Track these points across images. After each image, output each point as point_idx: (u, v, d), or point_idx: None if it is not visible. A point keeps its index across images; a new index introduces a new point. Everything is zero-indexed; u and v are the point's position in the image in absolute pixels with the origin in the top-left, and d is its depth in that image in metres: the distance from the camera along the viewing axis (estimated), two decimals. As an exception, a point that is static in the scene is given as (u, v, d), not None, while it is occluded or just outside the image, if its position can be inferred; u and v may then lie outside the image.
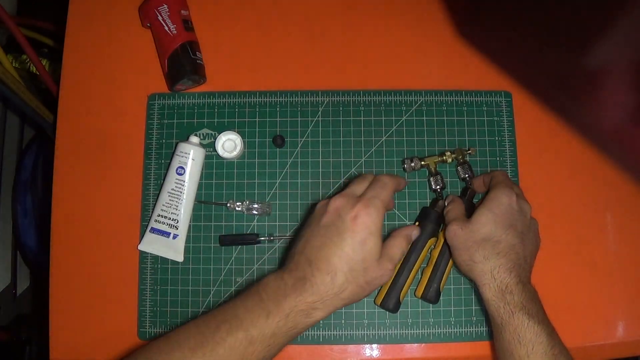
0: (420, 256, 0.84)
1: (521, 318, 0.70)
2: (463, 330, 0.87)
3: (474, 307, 0.87)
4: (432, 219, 0.85)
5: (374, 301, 0.85)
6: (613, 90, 0.77)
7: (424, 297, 0.84)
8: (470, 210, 0.81)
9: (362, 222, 0.69)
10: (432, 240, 0.85)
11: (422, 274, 0.86)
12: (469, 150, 0.91)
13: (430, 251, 0.86)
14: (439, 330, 0.87)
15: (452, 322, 0.88)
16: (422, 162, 0.90)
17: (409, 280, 0.83)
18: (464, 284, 0.88)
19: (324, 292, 0.66)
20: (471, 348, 0.87)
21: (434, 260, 0.85)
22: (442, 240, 0.84)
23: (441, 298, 0.85)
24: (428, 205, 0.90)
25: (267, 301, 0.66)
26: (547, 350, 0.69)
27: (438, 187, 0.90)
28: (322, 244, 0.69)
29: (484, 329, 0.87)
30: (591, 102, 0.85)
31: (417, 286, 0.86)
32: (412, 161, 0.90)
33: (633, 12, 0.62)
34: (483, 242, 0.75)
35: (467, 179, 0.90)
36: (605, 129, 0.89)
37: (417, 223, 0.86)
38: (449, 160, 0.90)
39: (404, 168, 0.90)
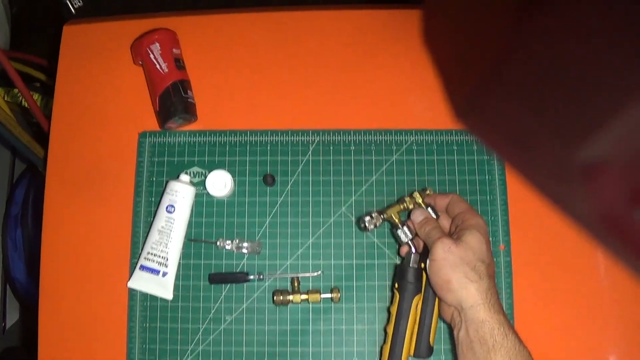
0: (410, 319, 0.81)
1: (513, 340, 0.69)
2: None
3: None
4: (412, 277, 0.81)
5: None
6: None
7: (416, 355, 0.81)
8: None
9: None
10: (418, 298, 0.81)
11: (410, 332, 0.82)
12: (426, 190, 0.85)
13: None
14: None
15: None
16: (384, 216, 0.83)
17: (405, 347, 0.81)
18: (453, 324, 0.88)
19: None
20: None
21: (418, 316, 0.82)
22: (422, 295, 0.82)
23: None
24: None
25: None
26: None
27: (408, 239, 0.83)
28: None
29: None
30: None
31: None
32: (371, 217, 0.82)
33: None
34: (478, 261, 0.73)
35: None
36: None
37: (396, 285, 0.83)
38: (411, 205, 0.84)
39: (363, 227, 0.82)
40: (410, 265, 0.82)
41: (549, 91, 0.76)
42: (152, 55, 0.90)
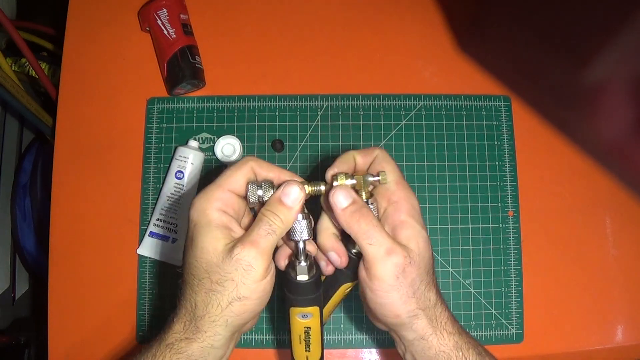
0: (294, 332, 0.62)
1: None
2: (462, 334, 0.87)
3: (472, 312, 0.87)
4: (305, 290, 0.60)
5: None
6: (612, 96, 0.77)
7: None
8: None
9: (190, 217, 0.57)
10: (313, 309, 0.61)
11: None
12: (377, 176, 0.58)
13: None
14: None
15: (451, 327, 0.87)
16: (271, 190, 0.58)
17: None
18: (462, 289, 0.88)
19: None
20: (470, 352, 0.87)
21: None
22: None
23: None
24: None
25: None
26: None
27: (302, 238, 0.57)
28: None
29: (483, 333, 0.87)
30: (590, 106, 0.85)
31: None
32: (260, 187, 0.58)
33: (634, 24, 0.62)
34: (427, 275, 0.56)
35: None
36: (603, 135, 0.89)
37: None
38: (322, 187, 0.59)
39: (247, 197, 0.58)
40: (297, 278, 0.59)
41: (552, 12, 0.76)
42: (159, 21, 0.90)
